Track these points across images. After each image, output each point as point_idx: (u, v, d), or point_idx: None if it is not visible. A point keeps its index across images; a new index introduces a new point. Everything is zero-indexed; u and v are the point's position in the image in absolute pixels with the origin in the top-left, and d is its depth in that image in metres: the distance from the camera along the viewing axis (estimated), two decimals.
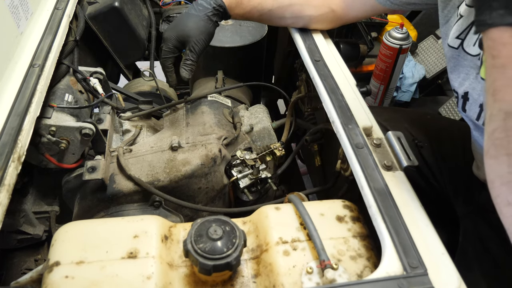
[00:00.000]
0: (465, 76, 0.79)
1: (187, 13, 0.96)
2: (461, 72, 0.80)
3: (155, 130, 1.11)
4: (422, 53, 2.11)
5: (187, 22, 0.94)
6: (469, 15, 0.76)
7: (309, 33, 1.04)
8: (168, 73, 0.98)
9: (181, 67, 0.95)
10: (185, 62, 0.95)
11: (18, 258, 0.99)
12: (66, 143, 0.85)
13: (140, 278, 0.58)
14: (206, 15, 0.95)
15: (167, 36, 0.95)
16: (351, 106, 0.82)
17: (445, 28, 0.85)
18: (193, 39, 0.93)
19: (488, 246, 0.88)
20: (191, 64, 0.95)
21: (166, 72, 0.98)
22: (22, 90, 0.76)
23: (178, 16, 0.98)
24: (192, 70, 0.95)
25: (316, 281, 0.60)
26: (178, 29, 0.94)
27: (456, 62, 0.80)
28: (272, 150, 1.03)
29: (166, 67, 0.98)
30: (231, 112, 1.11)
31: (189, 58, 0.94)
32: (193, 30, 0.93)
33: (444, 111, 1.96)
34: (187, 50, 0.95)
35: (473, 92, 0.77)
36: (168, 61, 0.97)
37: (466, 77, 0.79)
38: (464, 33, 0.78)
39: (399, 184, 0.68)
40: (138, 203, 0.91)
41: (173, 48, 0.96)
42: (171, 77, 0.99)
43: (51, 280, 0.57)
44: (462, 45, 0.78)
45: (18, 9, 0.87)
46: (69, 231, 0.64)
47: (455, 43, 0.79)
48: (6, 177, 0.62)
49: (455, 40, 0.79)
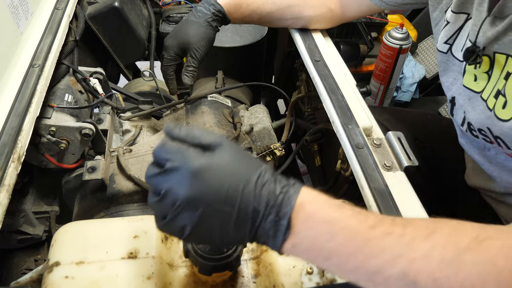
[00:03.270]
0: (453, 81, 0.80)
1: (187, 20, 0.97)
2: (450, 77, 0.81)
3: (155, 130, 1.11)
4: (422, 53, 2.11)
5: (187, 29, 0.95)
6: (455, 21, 0.77)
7: (309, 33, 1.04)
8: (170, 81, 0.99)
9: (183, 74, 0.96)
10: (187, 68, 0.96)
11: (18, 258, 0.99)
12: (66, 143, 0.85)
13: (140, 279, 0.58)
14: (206, 21, 0.95)
15: (168, 44, 0.96)
16: (351, 106, 0.82)
17: (435, 31, 0.86)
18: (194, 45, 0.94)
19: None
20: (193, 71, 0.96)
21: (168, 79, 0.99)
22: (22, 90, 0.76)
23: (178, 24, 0.99)
24: (194, 76, 0.96)
25: (316, 281, 0.60)
26: (178, 37, 0.95)
27: (446, 66, 0.81)
28: (272, 150, 1.03)
29: (167, 75, 0.98)
30: (231, 112, 1.11)
31: (190, 64, 0.95)
32: (193, 37, 0.94)
33: (444, 111, 1.96)
34: (188, 57, 0.96)
35: (459, 98, 0.78)
36: (170, 68, 0.98)
37: (454, 82, 0.80)
38: (452, 39, 0.78)
39: (400, 185, 0.68)
40: (138, 203, 0.90)
41: (174, 56, 0.96)
42: (172, 84, 1.00)
43: (51, 280, 0.57)
44: (450, 49, 0.79)
45: (18, 9, 0.87)
46: (69, 231, 0.64)
47: (444, 47, 0.80)
48: (6, 177, 0.62)
49: (443, 45, 0.80)
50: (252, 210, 0.45)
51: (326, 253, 0.45)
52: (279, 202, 0.45)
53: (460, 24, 0.76)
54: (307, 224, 0.46)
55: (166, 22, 1.59)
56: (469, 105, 0.75)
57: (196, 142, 0.47)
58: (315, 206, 0.46)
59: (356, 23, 1.81)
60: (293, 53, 1.49)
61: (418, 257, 0.43)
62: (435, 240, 0.44)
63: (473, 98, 0.73)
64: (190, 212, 0.44)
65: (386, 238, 0.44)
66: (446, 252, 0.43)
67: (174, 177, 0.45)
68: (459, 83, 0.77)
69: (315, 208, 0.46)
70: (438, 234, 0.44)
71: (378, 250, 0.44)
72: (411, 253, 0.43)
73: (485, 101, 0.70)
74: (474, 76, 0.73)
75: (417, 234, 0.44)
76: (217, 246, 0.52)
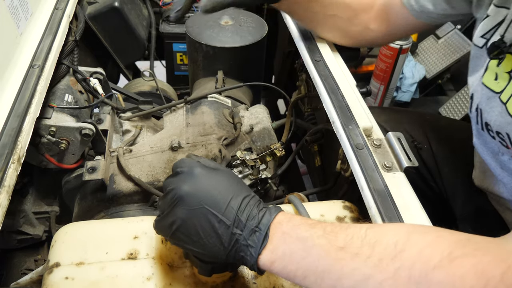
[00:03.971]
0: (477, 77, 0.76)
1: None
2: (477, 72, 0.77)
3: (155, 130, 1.11)
4: (422, 53, 2.11)
5: None
6: (495, 15, 0.72)
7: (309, 33, 1.04)
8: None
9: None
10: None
11: (18, 258, 0.99)
12: (66, 144, 0.85)
13: (140, 279, 0.58)
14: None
15: None
16: (351, 106, 0.82)
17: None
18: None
19: None
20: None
21: None
22: (22, 91, 0.76)
23: None
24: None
25: None
26: None
27: (478, 62, 0.77)
28: (272, 151, 1.03)
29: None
30: (231, 112, 1.11)
31: None
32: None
33: (444, 111, 1.96)
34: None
35: (477, 95, 0.75)
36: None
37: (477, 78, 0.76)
38: (489, 33, 0.73)
39: (400, 185, 0.68)
40: (138, 204, 0.90)
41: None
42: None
43: (51, 281, 0.57)
44: (486, 45, 0.74)
45: (18, 9, 0.87)
46: (69, 232, 0.64)
47: (480, 42, 0.75)
48: (6, 179, 0.62)
49: (480, 39, 0.75)
50: (234, 218, 0.50)
51: (302, 271, 0.48)
52: (260, 216, 0.51)
53: (500, 19, 0.71)
54: (283, 239, 0.50)
55: (166, 22, 1.59)
56: (487, 105, 0.72)
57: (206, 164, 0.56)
58: (290, 225, 0.51)
59: None
60: (293, 53, 1.49)
61: (386, 279, 0.44)
62: (403, 259, 0.44)
63: (492, 98, 0.70)
64: (182, 207, 0.51)
65: (355, 258, 0.46)
66: (414, 271, 0.43)
67: (180, 178, 0.53)
68: (480, 80, 0.73)
69: (290, 226, 0.51)
70: (407, 253, 0.45)
71: (348, 271, 0.46)
72: (379, 275, 0.44)
73: (505, 104, 0.67)
74: (495, 74, 0.69)
75: (385, 254, 0.45)
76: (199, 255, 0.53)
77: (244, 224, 0.50)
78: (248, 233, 0.50)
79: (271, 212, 0.52)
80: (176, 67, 1.69)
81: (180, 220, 0.51)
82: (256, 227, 0.50)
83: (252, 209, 0.52)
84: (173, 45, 1.61)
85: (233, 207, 0.51)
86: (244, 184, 0.57)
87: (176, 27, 1.59)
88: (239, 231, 0.50)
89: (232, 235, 0.50)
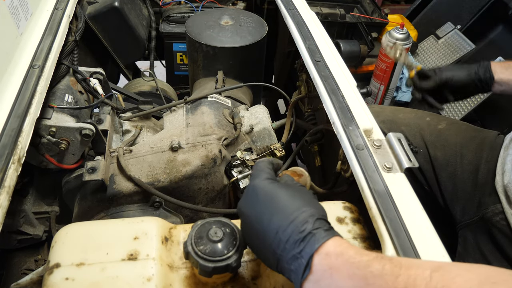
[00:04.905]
0: None
1: None
2: None
3: (155, 130, 1.11)
4: (422, 53, 2.11)
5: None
6: None
7: (309, 33, 1.04)
8: None
9: None
10: None
11: (18, 259, 0.99)
12: (66, 144, 0.85)
13: (140, 280, 0.58)
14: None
15: None
16: (351, 107, 0.82)
17: None
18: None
19: (489, 260, 0.86)
20: None
21: None
22: (22, 91, 0.76)
23: None
24: None
25: None
26: None
27: None
28: (272, 151, 1.03)
29: None
30: (231, 112, 1.11)
31: None
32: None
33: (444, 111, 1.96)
34: None
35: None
36: None
37: None
38: None
39: (400, 186, 0.68)
40: (138, 204, 0.90)
41: None
42: None
43: (51, 282, 0.57)
44: None
45: (18, 9, 0.87)
46: (69, 233, 0.64)
47: None
48: (6, 179, 0.61)
49: None
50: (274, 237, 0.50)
51: None
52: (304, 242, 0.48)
53: None
54: (330, 275, 0.46)
55: (166, 22, 1.59)
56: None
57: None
58: (341, 260, 0.46)
59: (356, 23, 1.81)
60: (293, 53, 1.49)
61: None
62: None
63: None
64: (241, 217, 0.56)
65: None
66: None
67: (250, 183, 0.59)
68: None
69: (341, 261, 0.46)
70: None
71: None
72: None
73: None
74: None
75: None
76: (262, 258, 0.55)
77: (284, 246, 0.49)
78: (290, 258, 0.48)
79: (317, 239, 0.47)
80: (176, 67, 1.69)
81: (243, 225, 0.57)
82: (298, 254, 0.47)
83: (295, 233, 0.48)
84: (173, 45, 1.61)
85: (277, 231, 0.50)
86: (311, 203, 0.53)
87: (176, 27, 1.59)
88: (279, 251, 0.49)
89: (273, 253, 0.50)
